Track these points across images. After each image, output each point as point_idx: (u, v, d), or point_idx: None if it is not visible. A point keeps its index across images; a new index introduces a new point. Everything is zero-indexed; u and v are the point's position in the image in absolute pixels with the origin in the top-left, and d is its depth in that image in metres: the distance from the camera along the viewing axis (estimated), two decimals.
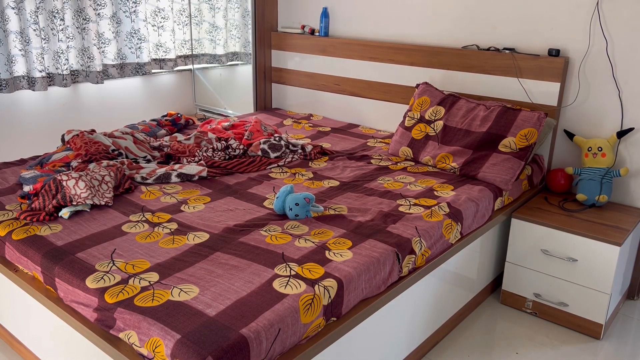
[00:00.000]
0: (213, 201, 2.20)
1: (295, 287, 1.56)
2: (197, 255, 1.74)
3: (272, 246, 1.81)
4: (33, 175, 2.31)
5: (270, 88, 3.96)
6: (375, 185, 2.41)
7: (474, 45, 2.95)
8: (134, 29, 3.84)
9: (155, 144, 2.85)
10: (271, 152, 2.70)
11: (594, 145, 2.56)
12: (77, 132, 2.67)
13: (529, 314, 2.55)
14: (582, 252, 2.33)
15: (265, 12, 3.74)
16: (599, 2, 2.53)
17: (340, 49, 3.46)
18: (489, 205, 2.37)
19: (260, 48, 3.79)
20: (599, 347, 2.32)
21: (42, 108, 3.48)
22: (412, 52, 3.14)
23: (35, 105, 3.45)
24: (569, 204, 2.61)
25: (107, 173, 2.20)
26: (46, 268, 1.72)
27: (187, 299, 1.50)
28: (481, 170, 2.50)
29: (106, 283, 1.58)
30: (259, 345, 1.37)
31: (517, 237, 2.50)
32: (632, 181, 2.62)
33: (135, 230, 1.92)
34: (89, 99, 3.71)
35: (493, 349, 2.29)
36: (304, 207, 2.02)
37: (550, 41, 2.71)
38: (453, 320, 2.38)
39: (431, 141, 2.73)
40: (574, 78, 2.68)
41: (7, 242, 1.89)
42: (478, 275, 2.50)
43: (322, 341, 1.55)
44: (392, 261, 1.81)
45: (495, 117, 2.60)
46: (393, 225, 1.99)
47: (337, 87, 3.57)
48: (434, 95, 2.86)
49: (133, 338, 1.44)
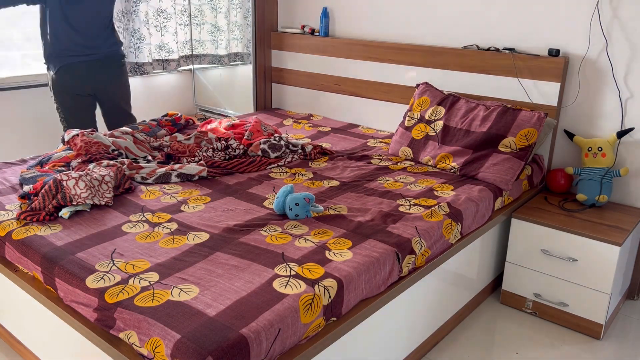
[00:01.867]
0: (213, 201, 2.20)
1: (295, 287, 1.56)
2: (197, 255, 1.74)
3: (272, 246, 1.81)
4: (33, 175, 2.31)
5: (270, 88, 3.96)
6: (375, 185, 2.41)
7: (474, 45, 2.95)
8: (133, 28, 3.84)
9: (155, 144, 2.85)
10: (271, 152, 2.70)
11: (594, 145, 2.56)
12: (77, 132, 2.67)
13: (529, 314, 2.55)
14: (582, 252, 2.33)
15: (265, 12, 3.74)
16: (599, 2, 2.53)
17: (340, 49, 3.46)
18: (489, 205, 2.37)
19: (260, 48, 3.79)
20: (599, 347, 2.32)
21: (42, 108, 3.48)
22: (412, 52, 3.14)
23: (35, 105, 3.45)
24: (569, 204, 2.61)
25: (107, 173, 2.20)
26: (46, 268, 1.72)
27: (187, 299, 1.50)
28: (481, 170, 2.50)
29: (106, 283, 1.58)
30: (259, 345, 1.37)
31: (517, 237, 2.50)
32: (632, 181, 2.62)
33: (135, 230, 1.92)
34: None
35: (493, 349, 2.29)
36: (304, 207, 2.02)
37: (550, 41, 2.71)
38: (453, 320, 2.38)
39: (431, 141, 2.73)
40: (574, 78, 2.68)
41: (7, 242, 1.89)
42: (478, 275, 2.50)
43: (322, 341, 1.55)
44: (392, 261, 1.81)
45: (495, 117, 2.60)
46: (393, 225, 1.99)
47: (337, 87, 3.57)
48: (434, 95, 2.86)
49: (133, 338, 1.44)
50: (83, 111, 3.21)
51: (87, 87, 3.17)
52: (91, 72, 3.15)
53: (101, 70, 3.19)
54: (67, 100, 3.14)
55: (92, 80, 3.16)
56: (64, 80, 3.10)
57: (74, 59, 3.08)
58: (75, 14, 3.04)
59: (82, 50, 3.09)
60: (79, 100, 3.17)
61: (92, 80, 3.16)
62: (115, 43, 3.26)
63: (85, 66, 3.12)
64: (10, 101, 3.37)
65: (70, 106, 3.16)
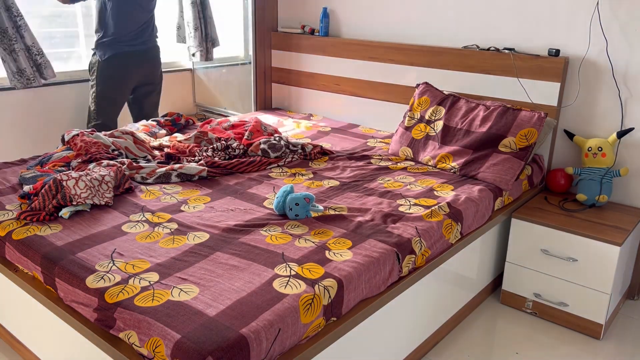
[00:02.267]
0: (213, 201, 2.20)
1: (295, 287, 1.56)
2: (197, 255, 1.74)
3: (272, 246, 1.81)
4: (33, 175, 2.31)
5: (270, 88, 3.96)
6: (375, 185, 2.41)
7: (474, 45, 2.95)
8: None
9: (155, 144, 2.85)
10: (271, 152, 2.70)
11: (594, 145, 2.57)
12: (77, 132, 2.67)
13: (529, 314, 2.55)
14: (582, 252, 2.33)
15: (265, 12, 3.74)
16: (599, 3, 2.53)
17: (340, 49, 3.47)
18: (489, 205, 2.37)
19: (260, 48, 3.79)
20: (599, 347, 2.32)
21: (42, 108, 3.47)
22: (412, 52, 3.14)
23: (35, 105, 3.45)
24: (569, 204, 2.61)
25: (107, 173, 2.20)
26: (46, 268, 1.72)
27: (187, 299, 1.50)
28: (481, 170, 2.50)
29: (106, 283, 1.58)
30: (259, 345, 1.37)
31: (517, 237, 2.50)
32: (632, 181, 2.62)
33: (135, 230, 1.92)
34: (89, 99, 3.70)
35: (493, 349, 2.29)
36: (304, 207, 2.02)
37: (550, 41, 2.71)
38: (453, 320, 2.38)
39: (431, 141, 2.73)
40: (574, 78, 2.68)
41: (7, 242, 1.89)
42: (478, 275, 2.50)
43: (322, 341, 1.55)
44: (392, 261, 1.81)
45: (495, 117, 2.60)
46: (393, 225, 1.99)
47: (337, 87, 3.57)
48: (434, 95, 2.86)
49: (133, 338, 1.44)
50: (119, 98, 3.42)
51: (134, 76, 3.40)
52: (139, 62, 3.40)
53: (147, 62, 3.46)
54: (110, 86, 3.32)
55: (139, 70, 3.41)
56: (113, 68, 3.30)
57: (128, 48, 3.31)
58: (132, 7, 3.26)
59: (133, 41, 3.32)
60: (121, 89, 3.39)
61: (139, 70, 3.41)
62: (156, 37, 3.51)
63: (135, 56, 3.36)
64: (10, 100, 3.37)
65: (109, 95, 3.35)
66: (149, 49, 3.45)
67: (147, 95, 3.58)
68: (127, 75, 3.37)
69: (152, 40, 3.47)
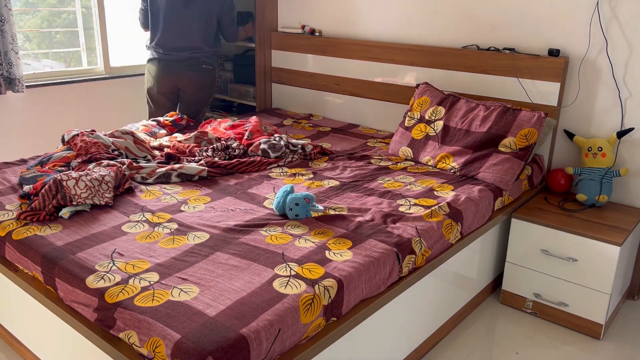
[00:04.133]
0: (213, 201, 2.20)
1: (295, 287, 1.56)
2: (197, 255, 1.74)
3: (272, 246, 1.81)
4: (33, 175, 2.31)
5: (270, 88, 3.96)
6: (375, 185, 2.41)
7: (474, 45, 2.95)
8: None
9: (155, 144, 2.85)
10: (271, 152, 2.70)
11: (594, 145, 2.57)
12: (77, 132, 2.67)
13: (529, 314, 2.55)
14: (582, 252, 2.33)
15: (265, 12, 3.74)
16: (599, 3, 2.53)
17: (340, 49, 3.47)
18: (489, 205, 2.37)
19: (261, 48, 3.80)
20: (599, 347, 2.32)
21: (43, 108, 3.47)
22: (412, 52, 3.14)
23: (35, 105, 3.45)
24: (569, 204, 2.61)
25: (107, 173, 2.20)
26: (46, 268, 1.72)
27: (187, 299, 1.50)
28: (481, 170, 2.50)
29: (106, 283, 1.58)
30: (259, 345, 1.37)
31: (517, 237, 2.50)
32: (632, 181, 2.62)
33: (135, 230, 1.92)
34: (90, 99, 3.70)
35: (493, 349, 2.29)
36: (304, 207, 2.02)
37: (550, 41, 2.71)
38: (453, 320, 2.38)
39: (431, 141, 2.73)
40: (574, 78, 2.68)
41: (7, 242, 1.89)
42: (478, 275, 2.50)
43: (322, 341, 1.55)
44: (392, 261, 1.81)
45: (495, 117, 2.60)
46: (393, 225, 1.99)
47: (337, 87, 3.57)
48: (434, 95, 2.86)
49: (133, 338, 1.44)
50: (163, 100, 3.53)
51: (166, 83, 3.46)
52: (168, 70, 3.44)
53: (181, 71, 3.45)
54: (149, 88, 3.51)
55: (170, 78, 3.45)
56: (147, 72, 3.49)
57: (163, 56, 3.41)
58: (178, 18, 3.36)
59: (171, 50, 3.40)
60: (158, 92, 3.50)
61: (170, 78, 3.45)
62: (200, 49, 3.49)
63: (164, 64, 3.43)
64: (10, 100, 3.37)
65: (150, 95, 3.54)
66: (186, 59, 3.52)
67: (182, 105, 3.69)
68: (155, 81, 3.51)
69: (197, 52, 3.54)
